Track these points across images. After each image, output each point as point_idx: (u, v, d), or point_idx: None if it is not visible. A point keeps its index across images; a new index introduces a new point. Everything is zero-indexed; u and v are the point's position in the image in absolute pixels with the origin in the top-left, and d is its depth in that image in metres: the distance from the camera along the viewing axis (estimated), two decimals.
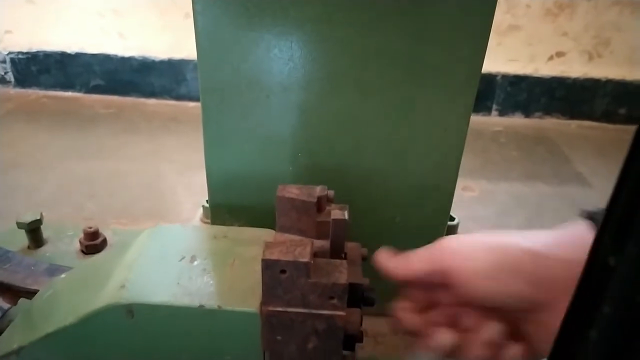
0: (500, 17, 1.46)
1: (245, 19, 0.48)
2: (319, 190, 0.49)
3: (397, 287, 0.62)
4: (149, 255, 0.48)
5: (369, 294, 0.47)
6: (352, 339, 0.46)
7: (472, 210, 1.05)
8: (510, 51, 1.50)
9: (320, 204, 0.48)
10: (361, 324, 0.45)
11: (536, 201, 1.11)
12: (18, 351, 0.46)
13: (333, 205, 0.49)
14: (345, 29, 0.48)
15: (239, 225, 0.58)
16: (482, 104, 1.55)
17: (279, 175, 0.56)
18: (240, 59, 0.50)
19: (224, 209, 0.59)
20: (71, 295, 0.49)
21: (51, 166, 1.18)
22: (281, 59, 0.49)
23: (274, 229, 0.50)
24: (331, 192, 0.50)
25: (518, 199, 1.12)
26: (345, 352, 0.46)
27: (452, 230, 0.70)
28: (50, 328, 0.45)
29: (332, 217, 0.45)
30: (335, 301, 0.41)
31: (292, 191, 0.48)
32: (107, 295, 0.44)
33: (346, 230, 0.45)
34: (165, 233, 0.52)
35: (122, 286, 0.44)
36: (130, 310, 0.42)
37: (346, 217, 0.45)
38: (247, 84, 0.51)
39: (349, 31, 0.48)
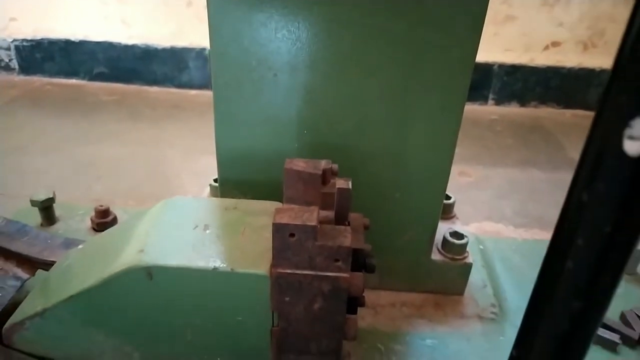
0: (497, 7, 1.49)
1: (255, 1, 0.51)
2: (324, 163, 0.52)
3: (393, 263, 0.66)
4: (165, 224, 0.51)
5: (370, 260, 0.50)
6: (354, 302, 0.49)
7: (468, 194, 1.08)
8: (507, 41, 1.53)
9: (325, 177, 0.51)
10: (363, 289, 0.48)
11: (530, 186, 1.15)
12: (42, 313, 0.50)
13: (337, 178, 0.52)
14: (350, 11, 0.51)
15: (247, 199, 0.61)
16: (478, 93, 1.58)
17: (285, 152, 0.59)
18: (250, 39, 0.53)
19: (233, 184, 0.62)
20: (91, 262, 0.52)
21: (57, 150, 1.20)
22: (289, 39, 0.52)
23: (281, 202, 0.53)
24: (335, 166, 0.53)
25: (513, 183, 1.15)
26: (348, 316, 0.49)
27: (448, 208, 0.73)
28: (72, 291, 0.48)
29: (337, 186, 0.48)
30: (340, 263, 0.45)
31: (299, 164, 0.51)
32: (127, 259, 0.47)
33: (350, 199, 0.48)
34: (179, 204, 0.55)
35: (141, 250, 0.47)
36: (149, 273, 0.45)
37: (350, 187, 0.48)
38: (256, 64, 0.54)
39: (353, 13, 0.51)
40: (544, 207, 1.06)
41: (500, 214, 1.03)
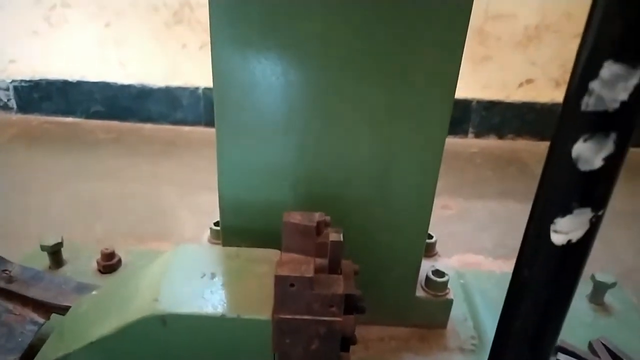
0: (474, 48, 1.59)
1: (256, 66, 0.58)
2: (317, 216, 0.58)
3: (381, 300, 0.72)
4: (174, 273, 0.57)
5: (361, 303, 0.56)
6: (347, 341, 0.55)
7: (450, 227, 1.15)
8: (484, 79, 1.63)
9: (319, 228, 0.58)
10: (354, 329, 0.54)
11: (508, 217, 1.22)
12: (64, 358, 0.54)
13: (330, 229, 0.58)
14: (341, 78, 0.58)
15: (247, 245, 0.67)
16: (459, 127, 1.67)
17: (282, 202, 0.65)
18: (252, 107, 0.59)
19: (234, 231, 0.68)
20: (107, 309, 0.57)
21: (58, 189, 1.25)
22: (285, 104, 0.59)
23: (278, 249, 0.59)
24: (328, 218, 0.59)
25: (492, 215, 1.23)
26: (341, 353, 0.55)
27: (430, 247, 0.80)
28: (92, 337, 0.53)
29: (330, 239, 0.54)
30: (334, 309, 0.51)
31: (296, 217, 0.58)
32: (143, 307, 0.52)
33: (342, 250, 0.54)
34: (186, 254, 0.61)
35: (156, 300, 0.52)
36: (164, 320, 0.51)
37: (342, 239, 0.54)
38: (256, 124, 0.61)
39: (344, 81, 0.58)
40: (520, 238, 1.13)
41: (481, 245, 1.10)
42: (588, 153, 0.25)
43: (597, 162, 0.24)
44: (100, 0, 1.57)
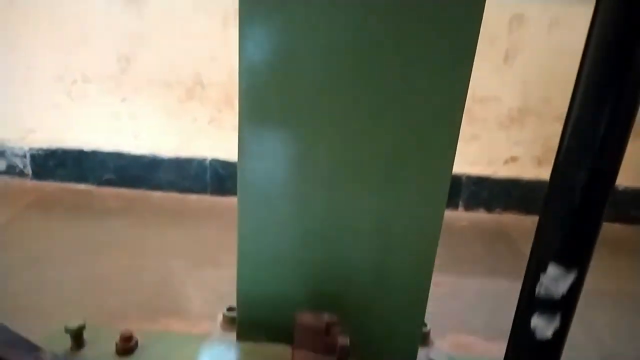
0: (463, 128, 1.71)
1: (275, 156, 0.67)
2: (326, 317, 0.66)
3: None
4: None
5: None
6: None
7: (443, 306, 1.22)
8: (473, 156, 1.76)
9: (328, 328, 0.66)
10: None
11: (497, 295, 1.30)
12: None
13: (336, 328, 0.66)
14: (349, 176, 0.68)
15: (260, 337, 0.75)
16: (450, 201, 1.77)
17: (292, 296, 0.73)
18: (268, 197, 0.69)
19: (249, 322, 0.76)
20: None
21: (71, 262, 1.31)
22: (298, 208, 0.69)
23: (289, 343, 0.66)
24: (335, 318, 0.67)
25: (482, 294, 1.30)
26: None
27: (425, 335, 0.87)
28: None
29: (339, 343, 0.62)
30: None
31: (307, 318, 0.66)
32: None
33: (348, 353, 0.62)
34: (210, 351, 0.68)
35: None
36: None
37: (348, 343, 0.62)
38: (268, 216, 0.70)
39: (351, 180, 0.68)
40: (508, 318, 1.20)
41: (473, 326, 1.17)
42: (542, 325, 0.34)
43: (549, 333, 0.33)
44: (118, 77, 1.70)
